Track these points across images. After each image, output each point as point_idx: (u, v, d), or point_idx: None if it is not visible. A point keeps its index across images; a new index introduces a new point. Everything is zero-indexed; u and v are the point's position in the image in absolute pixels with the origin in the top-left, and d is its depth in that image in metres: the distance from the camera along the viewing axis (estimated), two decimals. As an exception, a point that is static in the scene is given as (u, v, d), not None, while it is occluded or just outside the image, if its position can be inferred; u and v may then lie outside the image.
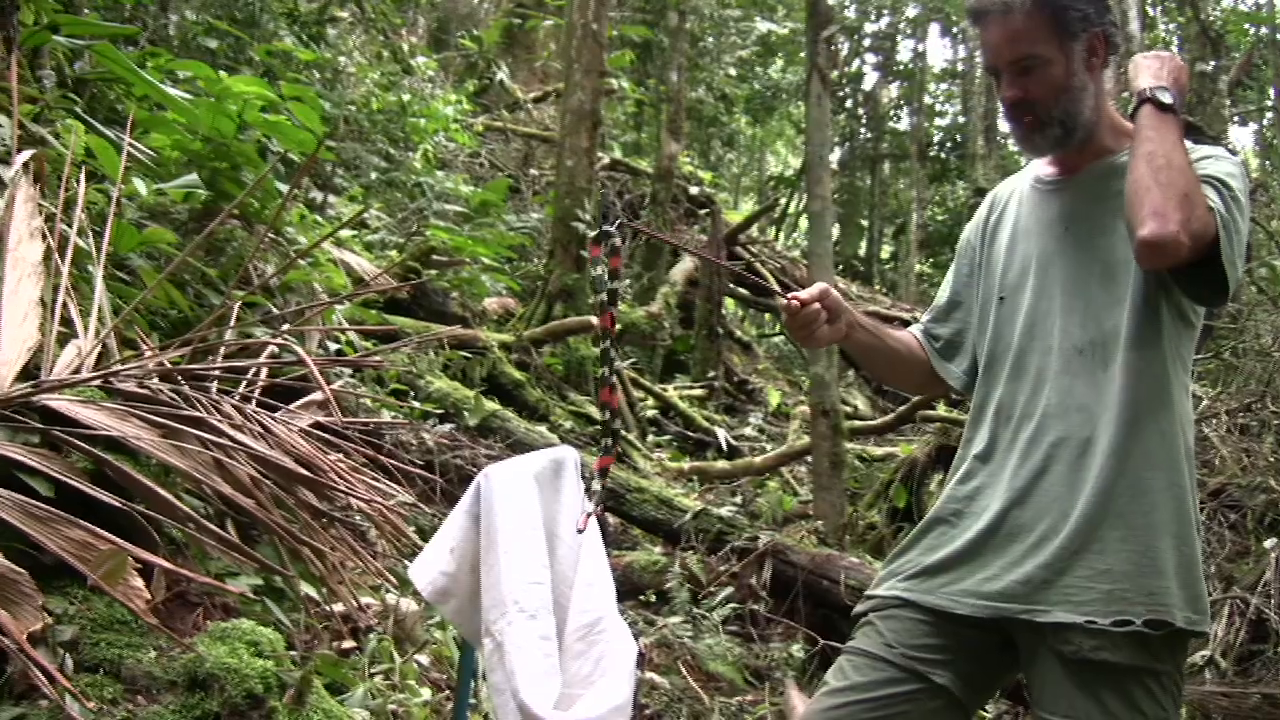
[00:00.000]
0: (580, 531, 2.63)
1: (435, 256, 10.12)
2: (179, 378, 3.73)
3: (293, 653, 3.42)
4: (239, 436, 3.48)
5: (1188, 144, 2.51)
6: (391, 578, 4.28)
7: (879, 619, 2.76)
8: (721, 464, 11.07)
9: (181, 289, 4.87)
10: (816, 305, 2.69)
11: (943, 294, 3.08)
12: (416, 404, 7.13)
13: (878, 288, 24.42)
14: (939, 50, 62.80)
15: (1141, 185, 2.38)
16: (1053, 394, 2.61)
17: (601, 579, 2.72)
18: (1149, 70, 2.59)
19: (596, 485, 2.59)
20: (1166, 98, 2.50)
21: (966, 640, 2.65)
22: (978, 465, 2.75)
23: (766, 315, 19.62)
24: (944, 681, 2.63)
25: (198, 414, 3.44)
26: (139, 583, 2.90)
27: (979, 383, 2.85)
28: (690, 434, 12.25)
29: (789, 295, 2.69)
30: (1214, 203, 2.38)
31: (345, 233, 8.22)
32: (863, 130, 30.49)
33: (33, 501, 2.81)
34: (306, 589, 3.84)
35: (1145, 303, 2.53)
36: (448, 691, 4.30)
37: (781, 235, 27.18)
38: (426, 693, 4.15)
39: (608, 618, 2.65)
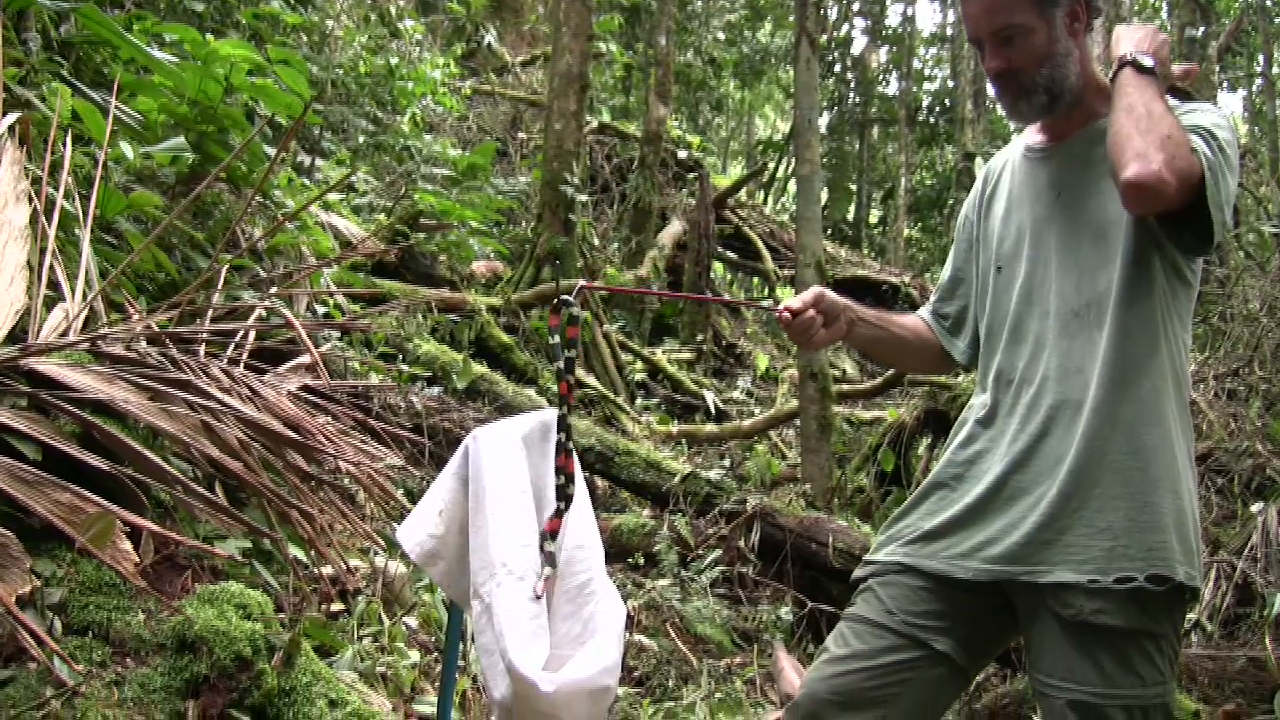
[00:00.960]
0: (537, 598, 2.62)
1: (423, 220, 10.09)
2: (166, 341, 3.72)
3: (281, 615, 3.43)
4: (226, 399, 3.47)
5: (1174, 102, 2.51)
6: (379, 540, 4.28)
7: (879, 585, 2.77)
8: (709, 427, 11.08)
9: (168, 253, 4.85)
10: (810, 312, 2.70)
11: (946, 272, 3.09)
12: (404, 367, 7.14)
13: (866, 252, 24.39)
14: (928, 14, 62.95)
15: (1122, 134, 2.38)
16: (1052, 358, 2.62)
17: (590, 541, 2.71)
18: (1130, 39, 2.58)
19: (549, 547, 2.62)
20: (1146, 61, 2.50)
21: (965, 605, 2.66)
22: (978, 430, 2.75)
23: (755, 280, 19.57)
24: (944, 648, 2.64)
25: (185, 377, 3.43)
26: (127, 546, 2.90)
27: (981, 352, 2.86)
28: (678, 397, 12.26)
29: (781, 308, 2.70)
30: (1199, 147, 2.38)
31: (332, 196, 8.20)
32: (851, 94, 30.43)
33: (20, 465, 2.81)
34: (294, 552, 3.84)
35: (1136, 260, 2.53)
36: (436, 654, 4.31)
37: (770, 199, 27.18)
38: (415, 655, 4.16)
39: (597, 579, 2.64)
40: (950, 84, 29.49)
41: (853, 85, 30.36)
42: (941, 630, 2.65)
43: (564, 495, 2.70)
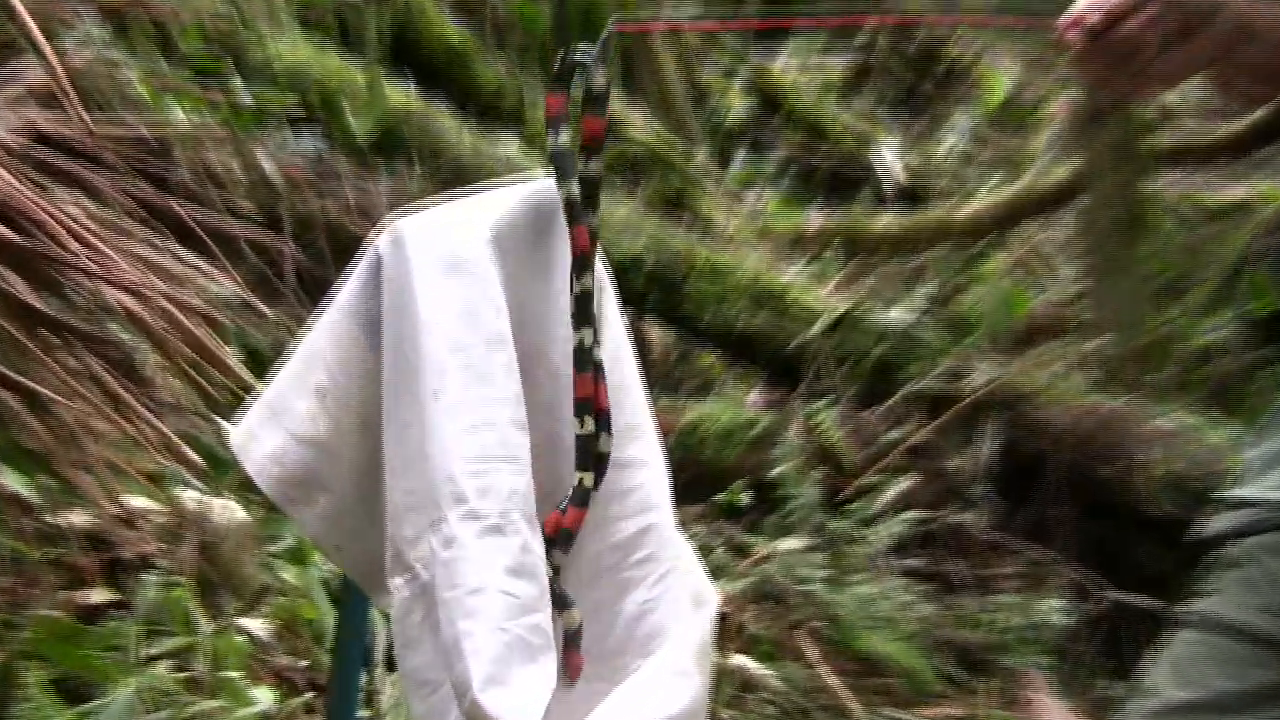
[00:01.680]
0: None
1: None
2: None
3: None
4: None
5: None
6: (191, 453, 4.25)
7: (1262, 551, 2.67)
8: (886, 221, 11.05)
9: None
10: (1135, 22, 2.54)
11: None
12: (245, 96, 7.09)
13: None
14: None
15: None
16: None
17: (647, 452, 2.67)
18: None
19: (556, 559, 2.58)
20: None
21: None
22: None
23: (978, -89, 19.36)
24: None
25: None
26: None
27: None
28: (818, 160, 12.20)
29: (1064, 21, 2.54)
30: None
31: None
32: None
33: None
34: (9, 482, 3.83)
35: None
36: (312, 693, 4.31)
37: None
38: (264, 695, 4.16)
39: (660, 531, 2.60)
40: None
41: None
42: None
43: (593, 456, 2.64)
